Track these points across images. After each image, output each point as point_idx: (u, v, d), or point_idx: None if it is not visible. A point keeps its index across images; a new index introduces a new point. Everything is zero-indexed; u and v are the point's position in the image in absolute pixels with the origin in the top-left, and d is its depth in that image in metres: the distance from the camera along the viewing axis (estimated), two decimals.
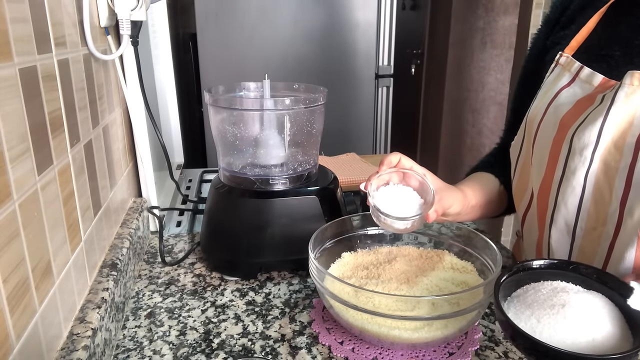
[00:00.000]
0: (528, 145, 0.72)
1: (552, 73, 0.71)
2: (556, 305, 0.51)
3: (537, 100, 0.71)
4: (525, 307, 0.53)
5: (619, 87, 0.58)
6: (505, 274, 0.57)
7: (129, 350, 0.65)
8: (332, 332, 0.67)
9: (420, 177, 0.68)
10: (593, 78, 0.64)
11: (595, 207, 0.61)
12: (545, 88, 0.71)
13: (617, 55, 0.63)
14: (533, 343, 0.47)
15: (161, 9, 1.30)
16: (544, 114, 0.68)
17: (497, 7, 2.48)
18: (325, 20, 2.01)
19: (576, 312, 0.50)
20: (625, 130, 0.58)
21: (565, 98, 0.66)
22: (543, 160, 0.67)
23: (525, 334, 0.48)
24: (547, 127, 0.67)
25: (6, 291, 0.43)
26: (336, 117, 2.10)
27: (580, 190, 0.62)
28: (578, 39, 0.68)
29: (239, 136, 0.83)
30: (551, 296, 0.53)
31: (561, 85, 0.67)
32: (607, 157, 0.59)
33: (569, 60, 0.68)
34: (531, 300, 0.54)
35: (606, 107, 0.59)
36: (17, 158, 0.46)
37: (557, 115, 0.65)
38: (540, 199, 0.68)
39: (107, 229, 0.76)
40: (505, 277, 0.57)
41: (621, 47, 0.64)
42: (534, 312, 0.51)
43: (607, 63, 0.64)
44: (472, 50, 2.63)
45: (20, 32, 0.48)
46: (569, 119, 0.64)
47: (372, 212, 0.67)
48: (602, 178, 0.60)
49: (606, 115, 0.59)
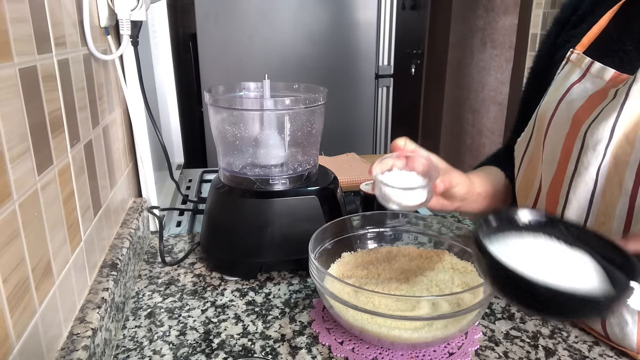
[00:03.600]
0: (537, 142, 0.72)
1: (562, 70, 0.71)
2: (536, 258, 0.50)
3: (547, 97, 0.71)
4: (505, 247, 0.51)
5: (632, 82, 0.58)
6: (491, 213, 0.55)
7: (129, 350, 0.65)
8: (332, 332, 0.67)
9: (424, 158, 0.67)
10: (604, 72, 0.64)
11: (605, 201, 0.61)
12: (555, 85, 0.71)
13: (629, 50, 0.63)
14: (512, 275, 0.44)
15: (161, 9, 1.30)
16: (554, 111, 0.68)
17: (497, 7, 2.48)
18: (325, 20, 2.01)
19: (557, 265, 0.49)
20: (637, 123, 0.58)
21: (576, 94, 0.66)
22: (555, 156, 0.67)
23: (507, 266, 0.45)
24: (559, 123, 0.67)
25: (6, 291, 0.43)
26: (336, 117, 2.10)
27: (592, 185, 0.62)
28: (589, 36, 0.68)
29: (239, 136, 0.83)
30: (532, 247, 0.51)
31: (572, 82, 0.67)
32: (618, 151, 0.59)
33: (580, 57, 0.67)
34: (512, 245, 0.52)
35: (620, 102, 0.59)
36: (17, 158, 0.46)
37: (570, 111, 0.65)
38: (551, 195, 0.69)
39: (107, 229, 0.76)
40: (491, 215, 0.55)
41: (634, 41, 0.63)
42: (512, 257, 0.48)
43: (619, 58, 0.64)
44: (472, 50, 2.63)
45: (20, 32, 0.48)
46: (582, 114, 0.64)
47: (379, 194, 0.64)
48: (613, 172, 0.60)
49: (620, 110, 0.58)
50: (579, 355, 0.64)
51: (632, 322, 0.60)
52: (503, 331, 0.69)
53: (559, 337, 0.67)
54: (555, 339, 0.67)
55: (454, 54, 2.80)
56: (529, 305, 0.47)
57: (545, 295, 0.43)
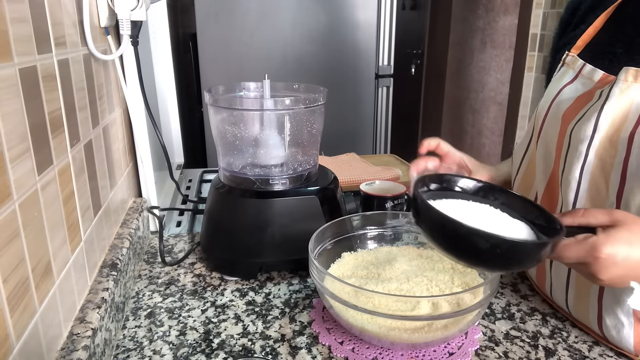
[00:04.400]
0: (534, 143, 0.73)
1: (558, 72, 0.72)
2: (470, 216, 0.53)
3: (544, 98, 0.73)
4: (442, 205, 0.55)
5: (614, 83, 0.59)
6: (428, 176, 0.60)
7: (129, 350, 0.65)
8: (332, 332, 0.67)
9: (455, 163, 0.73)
10: (594, 74, 0.65)
11: (592, 202, 0.62)
12: (551, 86, 0.72)
13: (619, 53, 0.64)
14: (450, 223, 0.49)
15: (161, 9, 1.30)
16: (547, 111, 0.69)
17: (497, 7, 2.49)
18: (325, 20, 2.01)
19: (488, 222, 0.53)
20: (619, 125, 0.58)
21: (567, 94, 0.67)
22: (550, 156, 0.68)
23: (439, 211, 0.50)
24: (551, 122, 0.68)
25: (6, 291, 0.43)
26: (336, 117, 2.10)
27: (576, 184, 0.62)
28: (584, 39, 0.70)
29: (239, 136, 0.83)
30: (466, 208, 0.56)
31: (565, 82, 0.69)
32: (602, 153, 0.60)
33: (574, 59, 0.69)
34: (448, 205, 0.56)
35: (602, 102, 0.60)
36: (17, 158, 0.46)
37: (559, 110, 0.67)
38: (548, 195, 0.69)
39: (107, 229, 0.76)
40: (428, 178, 0.59)
41: (624, 44, 0.64)
42: (449, 213, 0.52)
43: (609, 60, 0.65)
44: (472, 50, 2.63)
45: (20, 32, 0.48)
46: (569, 114, 0.65)
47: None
48: (598, 173, 0.60)
49: (600, 110, 0.60)
50: (579, 355, 0.64)
51: (628, 323, 0.60)
52: (503, 331, 0.69)
53: (559, 337, 0.67)
54: (555, 339, 0.67)
55: (454, 54, 2.80)
56: (465, 253, 0.52)
57: (480, 241, 0.48)
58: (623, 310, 0.60)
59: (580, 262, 0.51)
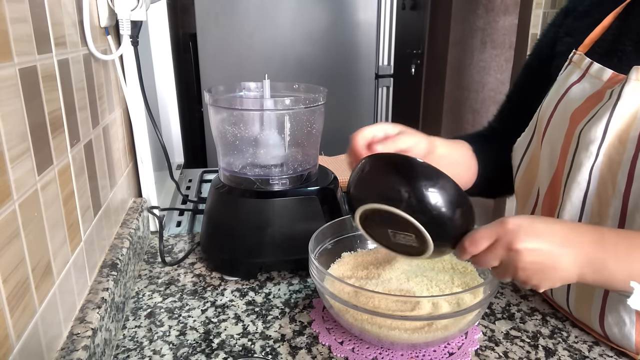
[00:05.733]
0: (537, 142, 0.72)
1: (564, 71, 0.71)
2: None
3: (548, 97, 0.71)
4: None
5: (625, 83, 0.58)
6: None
7: (129, 350, 0.65)
8: (332, 332, 0.67)
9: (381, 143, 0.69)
10: (602, 73, 0.64)
11: (599, 202, 0.61)
12: (556, 85, 0.71)
13: (628, 50, 0.63)
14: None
15: (161, 9, 1.30)
16: (553, 110, 0.68)
17: (497, 7, 2.49)
18: (325, 20, 2.01)
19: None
20: (629, 124, 0.58)
21: (575, 94, 0.66)
22: (555, 156, 0.67)
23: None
24: (558, 122, 0.67)
25: (6, 291, 0.43)
26: (336, 117, 2.09)
27: (585, 185, 0.62)
28: (592, 37, 0.68)
29: (239, 136, 0.83)
30: None
31: (571, 82, 0.68)
32: (611, 151, 0.59)
33: (581, 57, 0.68)
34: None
35: (613, 102, 0.59)
36: (17, 158, 0.46)
37: (567, 110, 0.66)
38: (550, 195, 0.69)
39: (107, 229, 0.76)
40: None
41: (633, 42, 0.63)
42: None
43: (617, 57, 0.64)
44: (472, 50, 2.63)
45: (20, 32, 0.48)
46: (578, 114, 0.64)
47: None
48: (606, 172, 0.60)
49: (612, 111, 0.59)
50: (579, 355, 0.64)
51: (630, 322, 0.60)
52: (503, 331, 0.69)
53: (559, 337, 0.67)
54: (555, 339, 0.67)
55: (454, 54, 2.80)
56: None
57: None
58: (626, 309, 0.60)
59: (496, 251, 0.52)
